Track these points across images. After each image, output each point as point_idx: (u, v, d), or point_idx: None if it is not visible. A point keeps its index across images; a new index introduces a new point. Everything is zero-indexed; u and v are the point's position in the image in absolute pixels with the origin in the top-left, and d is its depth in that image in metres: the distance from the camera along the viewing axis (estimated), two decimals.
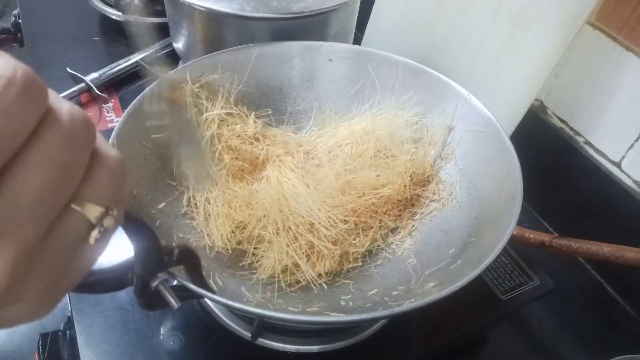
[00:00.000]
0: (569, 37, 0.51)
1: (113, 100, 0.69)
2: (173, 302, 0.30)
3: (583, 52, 0.57)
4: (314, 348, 0.45)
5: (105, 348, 0.44)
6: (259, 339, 0.44)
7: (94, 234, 0.19)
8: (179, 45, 0.65)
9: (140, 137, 0.45)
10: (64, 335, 0.48)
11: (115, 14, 0.79)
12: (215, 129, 0.49)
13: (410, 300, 0.40)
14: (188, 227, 0.46)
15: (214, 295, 0.33)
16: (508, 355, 0.51)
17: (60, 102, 0.18)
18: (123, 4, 0.76)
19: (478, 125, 0.48)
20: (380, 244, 0.48)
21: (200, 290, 0.33)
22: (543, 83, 0.54)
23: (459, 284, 0.34)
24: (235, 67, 0.53)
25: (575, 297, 0.58)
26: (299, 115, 0.57)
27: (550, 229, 0.63)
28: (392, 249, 0.47)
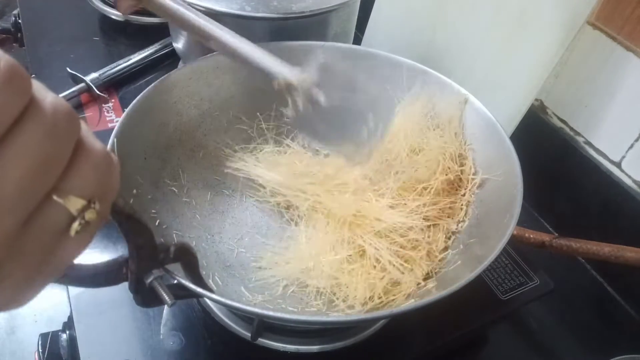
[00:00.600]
0: (569, 37, 0.51)
1: (113, 100, 0.69)
2: (167, 299, 0.30)
3: (583, 52, 0.57)
4: (314, 348, 0.44)
5: (105, 348, 0.44)
6: (259, 339, 0.44)
7: (75, 227, 0.19)
8: (179, 45, 0.65)
9: (140, 137, 0.45)
10: (64, 335, 0.48)
11: (115, 14, 0.79)
12: None
13: (410, 300, 0.40)
14: (188, 226, 0.46)
15: (213, 295, 0.33)
16: (508, 355, 0.51)
17: (45, 93, 0.18)
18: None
19: (478, 126, 0.48)
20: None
21: (199, 290, 0.33)
22: (543, 83, 0.54)
23: (459, 284, 0.34)
24: (235, 67, 0.53)
25: (575, 297, 0.57)
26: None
27: (550, 229, 0.63)
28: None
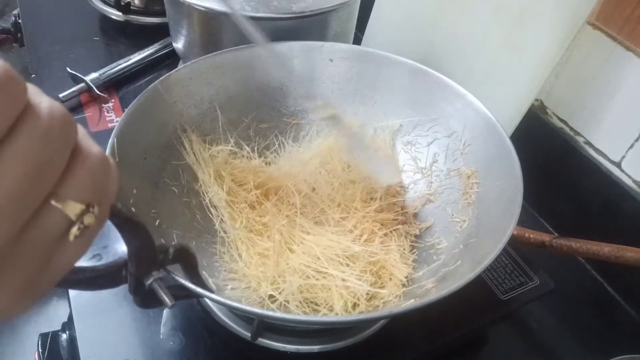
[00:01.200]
0: (569, 37, 0.51)
1: (113, 100, 0.69)
2: (167, 300, 0.30)
3: (583, 52, 0.57)
4: (314, 348, 0.44)
5: (105, 348, 0.44)
6: (259, 339, 0.44)
7: (74, 231, 0.19)
8: (179, 45, 0.65)
9: (140, 137, 0.45)
10: (64, 335, 0.48)
11: (116, 14, 0.79)
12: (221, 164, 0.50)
13: (410, 300, 0.40)
14: (188, 226, 0.46)
15: (213, 295, 0.33)
16: (508, 355, 0.51)
17: (40, 97, 0.18)
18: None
19: (478, 126, 0.48)
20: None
21: (199, 290, 0.33)
22: (543, 83, 0.54)
23: (459, 284, 0.34)
24: (235, 67, 0.53)
25: (575, 297, 0.57)
26: (300, 115, 0.57)
27: (550, 229, 0.63)
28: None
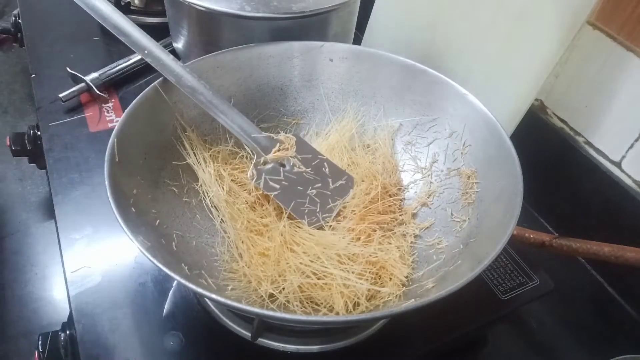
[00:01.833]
0: (569, 37, 0.51)
1: (113, 100, 0.69)
2: None
3: (583, 52, 0.57)
4: (314, 348, 0.44)
5: (105, 348, 0.44)
6: (259, 339, 0.44)
7: None
8: (179, 45, 0.65)
9: (140, 137, 0.45)
10: (64, 335, 0.48)
11: None
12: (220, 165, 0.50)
13: (410, 300, 0.40)
14: (188, 226, 0.46)
15: (213, 295, 0.33)
16: (508, 355, 0.51)
17: None
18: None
19: (478, 126, 0.48)
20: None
21: (199, 289, 0.33)
22: (543, 83, 0.54)
23: (459, 284, 0.34)
24: (235, 67, 0.53)
25: (576, 297, 0.57)
26: (300, 115, 0.57)
27: (550, 229, 0.63)
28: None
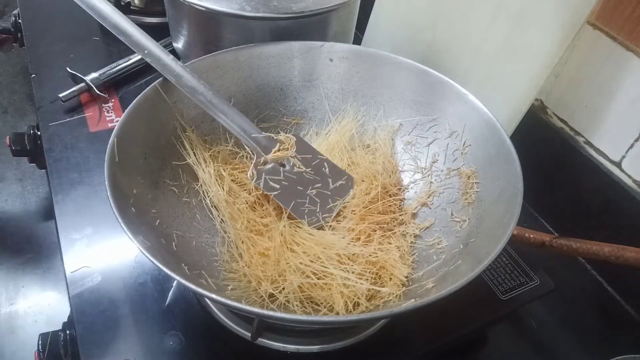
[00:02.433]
0: (569, 37, 0.51)
1: (113, 100, 0.69)
2: None
3: (583, 52, 0.57)
4: (314, 348, 0.44)
5: (105, 348, 0.44)
6: (259, 339, 0.44)
7: None
8: (179, 45, 0.65)
9: (140, 137, 0.45)
10: (64, 335, 0.48)
11: None
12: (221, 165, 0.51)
13: (410, 300, 0.40)
14: (188, 226, 0.46)
15: (213, 295, 0.33)
16: (508, 355, 0.51)
17: None
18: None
19: (478, 125, 0.48)
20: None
21: (199, 289, 0.33)
22: (543, 83, 0.54)
23: (459, 284, 0.34)
24: (235, 67, 0.53)
25: (576, 297, 0.57)
26: (300, 115, 0.57)
27: (550, 229, 0.63)
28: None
